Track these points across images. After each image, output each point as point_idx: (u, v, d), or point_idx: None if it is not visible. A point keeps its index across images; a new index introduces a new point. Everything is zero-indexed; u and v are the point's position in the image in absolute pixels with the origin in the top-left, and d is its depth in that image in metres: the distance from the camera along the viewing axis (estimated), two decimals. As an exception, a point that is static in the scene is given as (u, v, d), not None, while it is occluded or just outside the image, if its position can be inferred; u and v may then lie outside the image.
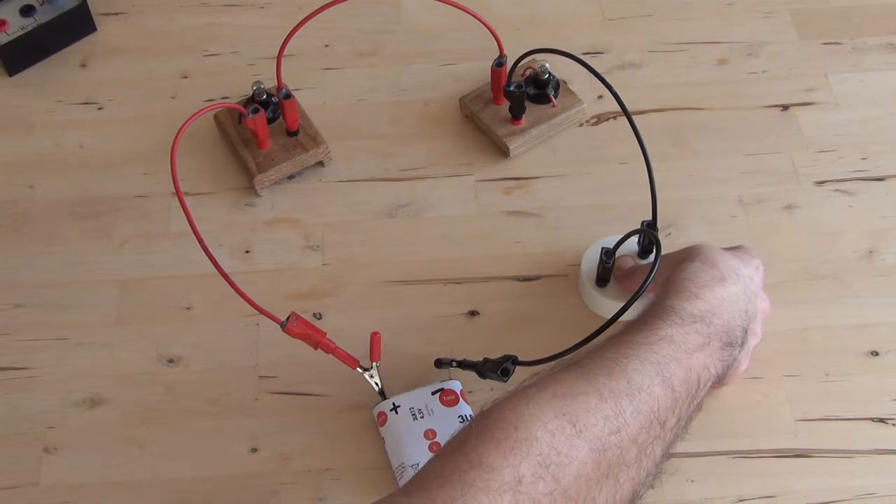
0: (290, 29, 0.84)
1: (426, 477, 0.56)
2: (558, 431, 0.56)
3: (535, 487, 0.54)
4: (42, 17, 0.99)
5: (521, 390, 0.60)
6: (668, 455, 0.63)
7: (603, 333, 0.69)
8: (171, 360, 0.82)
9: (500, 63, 0.90)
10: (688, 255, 0.73)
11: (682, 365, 0.63)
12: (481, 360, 0.76)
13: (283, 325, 0.73)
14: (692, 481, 0.75)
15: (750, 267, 0.74)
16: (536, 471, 0.55)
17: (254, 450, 0.77)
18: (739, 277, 0.71)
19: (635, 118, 0.80)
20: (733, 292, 0.70)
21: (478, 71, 0.97)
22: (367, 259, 0.87)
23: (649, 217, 0.79)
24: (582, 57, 0.84)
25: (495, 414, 0.58)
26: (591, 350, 0.65)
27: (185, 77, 1.00)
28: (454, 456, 0.56)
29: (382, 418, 0.76)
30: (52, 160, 0.94)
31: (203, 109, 0.82)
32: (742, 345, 0.69)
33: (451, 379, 0.78)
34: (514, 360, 0.74)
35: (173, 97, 0.98)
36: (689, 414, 0.64)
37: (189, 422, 0.79)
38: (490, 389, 0.78)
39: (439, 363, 0.79)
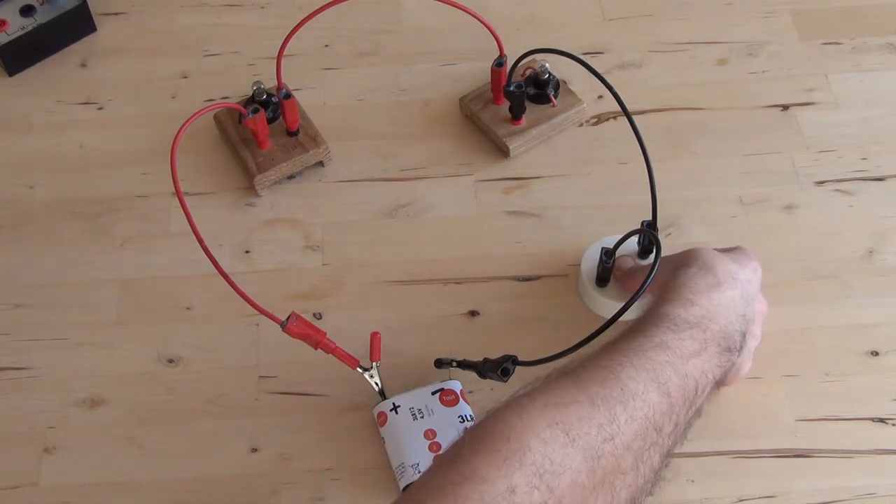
0: (290, 29, 0.84)
1: (420, 490, 0.56)
2: (551, 440, 0.56)
3: (529, 497, 0.54)
4: (42, 17, 0.99)
5: (513, 400, 0.60)
6: (666, 462, 0.62)
7: (597, 340, 0.69)
8: (171, 360, 0.82)
9: (500, 63, 0.90)
10: (685, 260, 0.73)
11: (678, 371, 0.63)
12: (481, 360, 0.76)
13: (283, 325, 0.73)
14: (692, 481, 0.75)
15: (747, 270, 0.74)
16: (530, 480, 0.54)
17: (254, 450, 0.77)
18: (736, 282, 0.71)
19: (635, 118, 0.80)
20: (730, 297, 0.70)
21: (478, 71, 0.97)
22: (367, 259, 0.87)
23: (649, 217, 0.79)
24: (582, 57, 0.84)
25: (488, 425, 0.57)
26: (585, 358, 0.64)
27: (185, 77, 1.00)
28: (447, 468, 0.56)
29: (382, 418, 0.76)
30: (52, 160, 0.94)
31: (203, 109, 0.82)
32: (741, 349, 0.69)
33: (451, 379, 0.78)
34: (514, 360, 0.74)
35: (173, 97, 0.98)
36: (688, 420, 0.64)
37: (189, 422, 0.79)
38: (490, 389, 0.78)
39: (439, 363, 0.79)
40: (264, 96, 0.91)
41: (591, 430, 0.57)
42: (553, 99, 0.93)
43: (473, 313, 0.84)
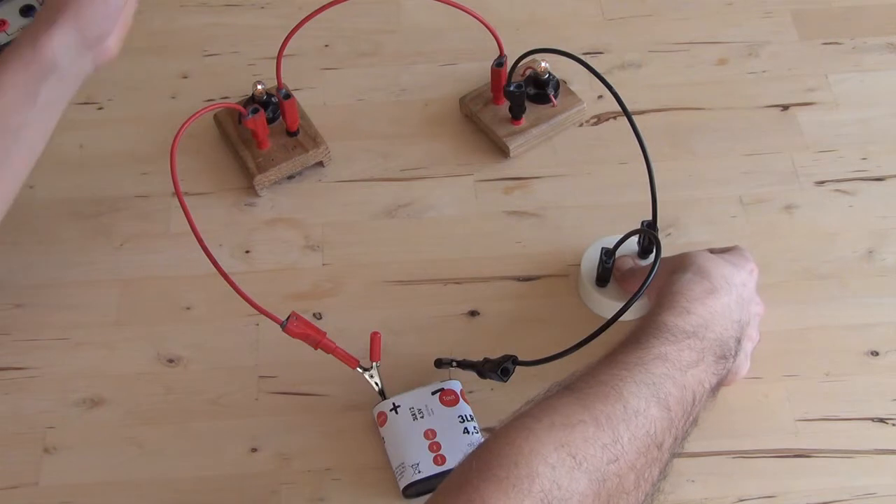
0: (290, 29, 0.84)
1: None
2: (559, 465, 0.56)
3: None
4: (42, 17, 0.99)
5: (518, 421, 0.59)
6: (665, 475, 0.62)
7: (598, 341, 0.69)
8: (171, 360, 0.82)
9: (499, 63, 0.90)
10: (680, 265, 0.73)
11: (677, 383, 0.63)
12: (481, 360, 0.76)
13: (283, 325, 0.73)
14: (692, 481, 0.75)
15: (743, 272, 0.74)
16: None
17: (254, 450, 0.77)
18: (732, 287, 0.71)
19: (635, 118, 0.80)
20: (725, 303, 0.70)
21: (478, 71, 0.97)
22: (367, 259, 0.87)
23: (649, 217, 0.79)
24: (582, 57, 0.84)
25: (494, 448, 0.57)
26: (585, 371, 0.64)
27: (185, 77, 1.00)
28: (456, 495, 0.55)
29: (382, 418, 0.76)
30: (52, 160, 0.93)
31: (203, 109, 0.82)
32: (735, 355, 0.70)
33: (451, 379, 0.78)
34: (514, 360, 0.74)
35: (173, 97, 0.98)
36: (686, 430, 0.64)
37: (189, 422, 0.79)
38: (490, 389, 0.79)
39: (439, 363, 0.79)
40: (264, 96, 0.91)
41: (597, 452, 0.57)
42: (553, 99, 0.93)
43: (473, 313, 0.84)
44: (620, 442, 0.59)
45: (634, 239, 0.82)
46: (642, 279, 0.71)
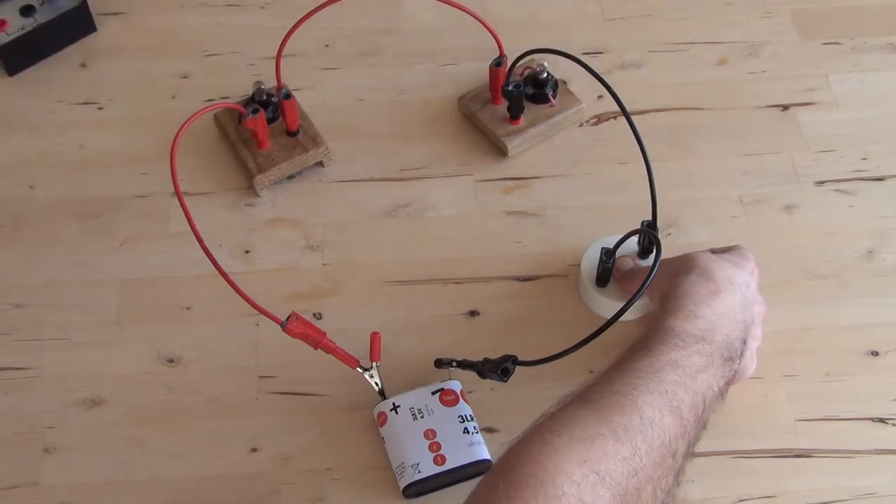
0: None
1: None
2: (583, 482, 0.56)
3: None
4: (42, 17, 0.99)
5: (537, 435, 0.59)
6: (679, 482, 0.63)
7: (598, 342, 0.69)
8: (171, 360, 0.82)
9: (498, 62, 0.90)
10: (683, 266, 0.73)
11: (689, 389, 0.64)
12: (481, 360, 0.76)
13: (283, 325, 0.73)
14: (692, 481, 0.75)
15: (745, 272, 0.74)
16: None
17: (254, 450, 0.77)
18: (735, 287, 0.71)
19: (635, 118, 0.80)
20: (730, 305, 0.70)
21: (478, 71, 0.97)
22: (367, 259, 0.87)
23: (649, 217, 0.79)
24: (582, 57, 0.84)
25: (518, 468, 0.57)
26: (598, 380, 0.64)
27: (185, 77, 1.00)
28: None
29: (382, 418, 0.76)
30: (52, 160, 0.94)
31: (203, 109, 0.82)
32: (741, 356, 0.70)
33: (451, 379, 0.78)
34: (514, 360, 0.74)
35: (173, 97, 0.98)
36: (697, 435, 0.65)
37: (189, 422, 0.79)
38: (490, 389, 0.79)
39: (439, 363, 0.79)
40: (264, 96, 0.91)
41: (617, 467, 0.58)
42: (551, 99, 0.93)
43: (473, 313, 0.84)
44: (638, 454, 0.59)
45: (634, 239, 0.82)
46: (642, 279, 0.71)
